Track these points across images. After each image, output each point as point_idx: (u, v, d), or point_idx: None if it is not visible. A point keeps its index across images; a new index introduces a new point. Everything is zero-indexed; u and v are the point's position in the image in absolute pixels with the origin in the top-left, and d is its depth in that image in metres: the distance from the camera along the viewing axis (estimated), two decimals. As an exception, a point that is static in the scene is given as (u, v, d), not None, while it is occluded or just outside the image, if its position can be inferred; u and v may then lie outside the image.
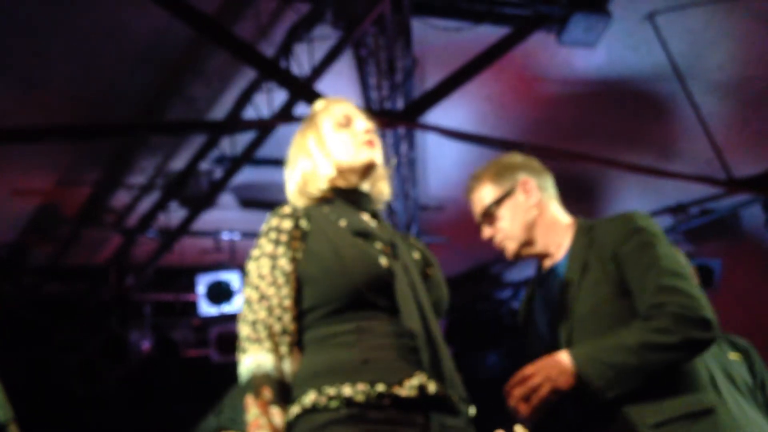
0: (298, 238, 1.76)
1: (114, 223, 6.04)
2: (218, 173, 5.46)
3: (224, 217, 6.11)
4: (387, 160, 2.02)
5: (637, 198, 6.38)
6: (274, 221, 1.79)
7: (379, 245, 1.75)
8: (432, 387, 1.61)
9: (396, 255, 1.75)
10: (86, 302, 6.50)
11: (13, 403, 2.71)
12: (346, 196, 1.88)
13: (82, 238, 6.07)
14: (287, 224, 1.77)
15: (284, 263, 1.73)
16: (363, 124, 1.93)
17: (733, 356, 2.90)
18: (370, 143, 1.90)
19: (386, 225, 1.90)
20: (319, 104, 2.02)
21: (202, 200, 5.54)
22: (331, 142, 1.91)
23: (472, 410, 1.73)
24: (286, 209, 1.81)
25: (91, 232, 6.06)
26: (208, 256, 6.49)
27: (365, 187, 1.92)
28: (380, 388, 1.58)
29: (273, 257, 1.73)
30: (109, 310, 6.48)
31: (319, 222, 1.78)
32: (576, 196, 6.40)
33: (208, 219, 5.92)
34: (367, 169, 1.90)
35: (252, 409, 1.58)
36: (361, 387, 1.58)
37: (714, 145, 5.19)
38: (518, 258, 2.18)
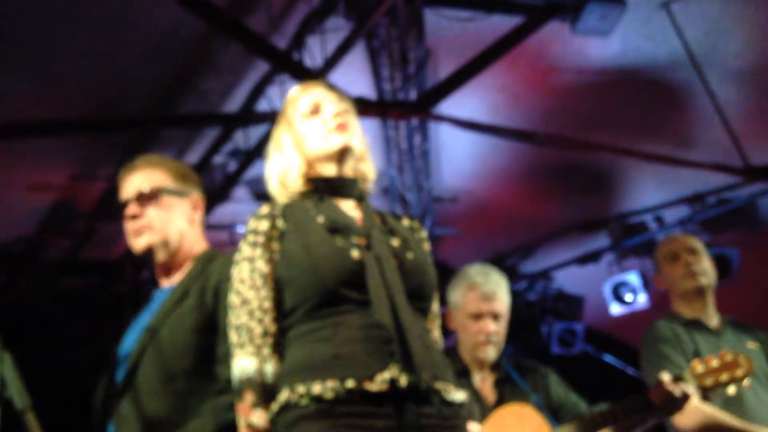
0: (275, 238, 1.77)
1: (129, 218, 6.06)
2: (232, 166, 5.46)
3: (239, 210, 6.11)
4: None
5: (653, 188, 6.33)
6: (252, 223, 1.80)
7: (355, 239, 1.73)
8: (404, 380, 1.60)
9: (370, 246, 1.73)
10: (102, 296, 6.53)
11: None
12: (325, 185, 1.86)
13: (98, 233, 6.10)
14: (264, 225, 1.78)
15: (261, 265, 1.74)
16: (332, 107, 1.88)
17: (752, 345, 2.89)
18: (340, 127, 1.86)
19: (370, 211, 1.86)
20: (290, 94, 1.98)
21: (216, 194, 5.55)
22: (301, 133, 1.88)
23: (458, 396, 1.70)
24: (264, 209, 1.81)
25: (107, 227, 6.08)
26: (224, 249, 6.48)
27: (347, 171, 1.88)
28: (350, 384, 1.58)
29: (251, 260, 1.75)
30: (125, 304, 6.52)
31: (296, 220, 1.77)
32: (591, 186, 6.39)
33: (222, 212, 5.93)
34: (342, 155, 1.86)
35: (238, 414, 1.64)
36: (331, 384, 1.58)
37: (731, 133, 5.13)
38: (144, 251, 2.14)
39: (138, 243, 2.14)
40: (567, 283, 7.52)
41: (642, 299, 6.71)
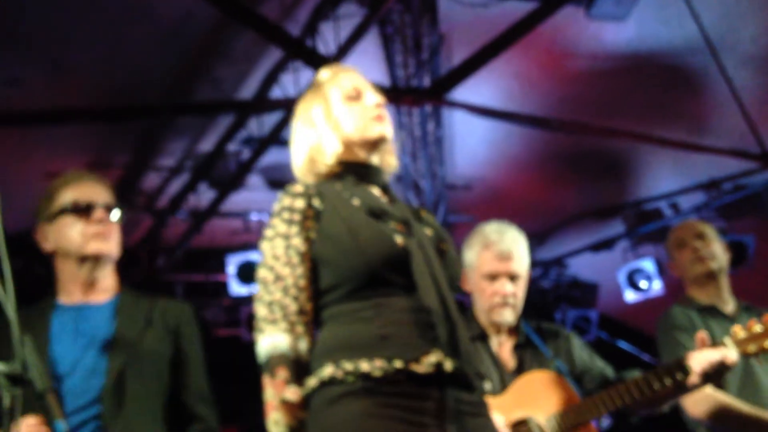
0: (311, 217, 1.76)
1: (145, 205, 6.10)
2: (246, 154, 5.47)
3: (253, 197, 6.13)
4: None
5: (668, 174, 6.29)
6: (286, 200, 1.78)
7: (393, 224, 1.75)
8: (449, 364, 1.62)
9: (410, 232, 1.75)
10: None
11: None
12: (355, 170, 1.86)
13: (114, 221, 6.13)
14: (300, 204, 1.76)
15: (298, 243, 1.73)
16: (373, 98, 1.89)
17: None
18: (381, 118, 1.87)
19: (398, 200, 1.88)
20: (325, 73, 1.97)
21: (230, 181, 5.57)
22: (339, 115, 1.87)
23: (488, 385, 1.74)
24: (298, 188, 1.80)
25: (123, 214, 6.12)
26: (238, 236, 6.53)
27: (374, 160, 1.90)
28: (398, 364, 1.59)
29: (287, 237, 1.73)
30: (141, 291, 6.54)
31: (332, 201, 1.77)
32: (606, 173, 6.35)
33: (236, 200, 5.95)
34: (377, 144, 1.88)
35: (268, 390, 1.62)
36: (379, 363, 1.59)
37: (748, 118, 5.08)
38: (96, 256, 2.20)
39: (99, 246, 2.19)
40: (581, 270, 7.50)
41: (657, 286, 6.69)
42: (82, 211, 2.20)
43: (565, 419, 2.44)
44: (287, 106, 4.93)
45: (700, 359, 2.31)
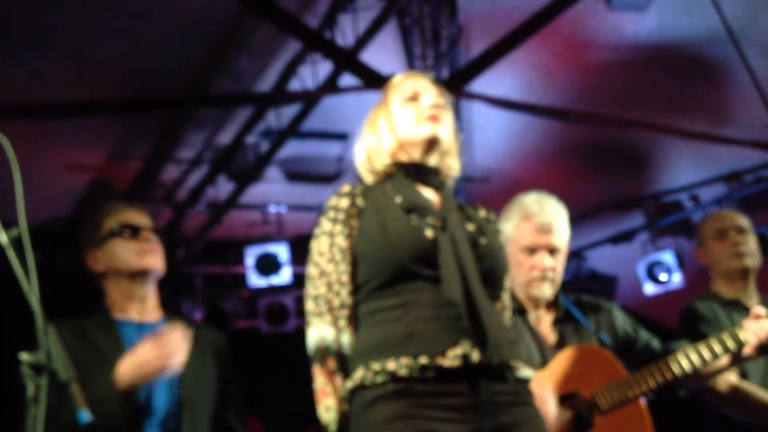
0: (355, 216, 1.84)
1: (164, 197, 6.13)
2: (264, 147, 5.49)
3: (271, 190, 6.15)
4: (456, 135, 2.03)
5: (689, 166, 6.25)
6: (333, 201, 1.88)
7: (430, 219, 1.79)
8: (475, 355, 1.64)
9: (445, 228, 1.78)
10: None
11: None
12: (409, 170, 1.92)
13: (134, 212, 6.17)
14: (344, 203, 1.86)
15: (341, 240, 1.82)
16: (430, 98, 1.95)
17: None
18: (433, 118, 1.92)
19: (450, 198, 1.92)
20: (395, 79, 2.05)
21: (249, 174, 5.59)
22: (396, 116, 1.95)
23: (527, 373, 1.74)
24: (345, 188, 1.90)
25: (142, 206, 6.16)
26: (256, 228, 6.55)
27: (432, 161, 1.94)
28: (423, 360, 1.62)
29: (331, 235, 1.83)
30: (161, 282, 6.59)
31: (375, 199, 1.85)
32: (626, 165, 6.31)
33: (255, 192, 5.97)
34: (429, 144, 1.92)
35: (319, 378, 1.72)
36: (405, 361, 1.63)
37: (770, 110, 5.04)
38: (147, 271, 2.45)
39: (151, 260, 2.44)
40: (600, 262, 7.46)
41: (677, 279, 6.65)
42: (131, 233, 2.46)
43: (612, 394, 2.35)
44: (305, 98, 4.93)
45: (756, 329, 2.26)
